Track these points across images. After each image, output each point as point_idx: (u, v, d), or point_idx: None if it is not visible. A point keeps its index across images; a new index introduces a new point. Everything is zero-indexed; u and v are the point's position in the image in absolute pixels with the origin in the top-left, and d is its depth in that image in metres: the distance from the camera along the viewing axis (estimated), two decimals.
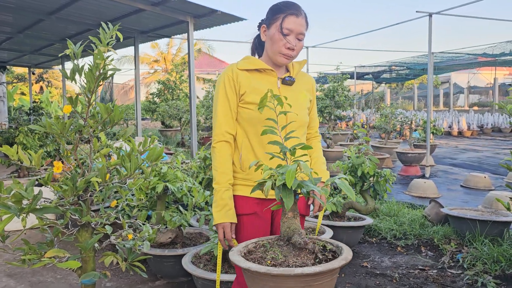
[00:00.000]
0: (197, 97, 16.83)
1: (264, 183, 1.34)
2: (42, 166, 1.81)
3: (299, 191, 1.36)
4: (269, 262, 1.32)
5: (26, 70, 17.08)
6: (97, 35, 1.76)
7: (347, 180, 1.32)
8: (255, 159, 1.79)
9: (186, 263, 2.71)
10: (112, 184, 1.91)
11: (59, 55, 1.76)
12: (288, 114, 1.77)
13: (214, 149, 1.82)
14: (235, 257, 1.34)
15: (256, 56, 1.95)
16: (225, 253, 2.80)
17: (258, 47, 1.95)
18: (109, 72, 1.80)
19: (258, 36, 1.92)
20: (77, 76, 1.77)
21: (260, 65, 1.81)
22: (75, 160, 1.87)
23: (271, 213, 1.87)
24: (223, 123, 1.81)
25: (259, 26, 1.90)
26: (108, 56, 1.77)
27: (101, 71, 1.79)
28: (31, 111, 10.11)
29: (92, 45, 1.76)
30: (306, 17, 1.80)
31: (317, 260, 1.34)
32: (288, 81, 1.84)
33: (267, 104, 1.75)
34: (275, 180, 1.31)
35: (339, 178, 1.39)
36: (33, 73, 14.35)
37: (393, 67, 18.07)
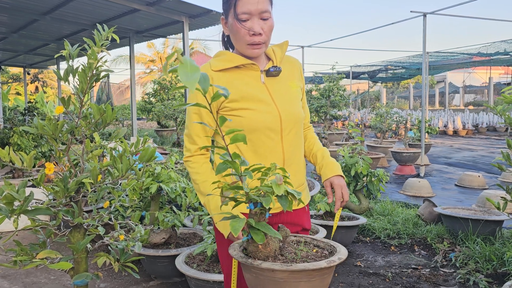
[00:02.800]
0: None
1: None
2: (34, 167, 1.81)
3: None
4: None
5: (21, 70, 17.01)
6: (91, 36, 1.76)
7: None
8: None
9: (180, 264, 2.72)
10: (105, 185, 1.91)
11: (55, 56, 1.76)
12: (282, 112, 1.56)
13: (188, 163, 1.61)
14: (235, 252, 1.33)
15: (230, 51, 1.65)
16: (217, 254, 2.81)
17: (228, 40, 1.65)
18: (102, 73, 1.80)
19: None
20: (70, 77, 1.78)
21: (238, 60, 1.53)
22: (68, 161, 1.87)
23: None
24: (196, 138, 1.58)
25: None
26: (102, 57, 1.77)
27: (94, 72, 1.79)
28: (26, 112, 10.08)
29: (86, 46, 1.76)
30: None
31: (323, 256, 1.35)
32: (273, 72, 1.57)
33: (255, 106, 1.50)
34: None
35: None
36: (28, 73, 14.30)
37: (388, 67, 18.13)
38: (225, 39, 1.67)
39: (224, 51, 1.61)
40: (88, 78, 1.78)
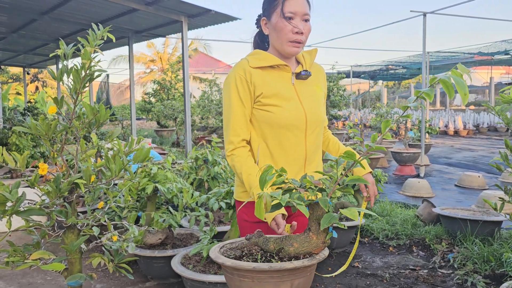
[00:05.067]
0: (194, 97, 16.78)
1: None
2: (27, 168, 1.80)
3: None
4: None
5: (21, 70, 17.01)
6: (86, 36, 1.75)
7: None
8: (273, 165, 1.67)
9: (176, 264, 2.71)
10: (99, 185, 1.89)
11: (50, 55, 1.75)
12: (308, 113, 1.68)
13: (232, 156, 1.66)
14: (215, 254, 1.32)
15: None
16: None
17: (260, 44, 1.80)
18: (96, 73, 1.79)
19: (258, 33, 1.80)
20: (65, 77, 1.76)
21: (273, 61, 1.66)
22: (63, 161, 1.86)
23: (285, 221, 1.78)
24: (239, 129, 1.66)
25: (257, 22, 1.78)
26: (95, 57, 1.76)
27: (87, 72, 1.77)
28: (26, 111, 10.08)
29: (80, 46, 1.75)
30: None
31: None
32: (303, 76, 1.70)
33: (284, 104, 1.63)
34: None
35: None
36: (28, 73, 14.29)
37: (389, 67, 18.10)
38: (257, 43, 1.80)
39: (260, 50, 1.73)
40: (81, 78, 1.77)
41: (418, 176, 7.62)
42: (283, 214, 1.57)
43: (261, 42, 1.80)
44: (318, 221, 1.23)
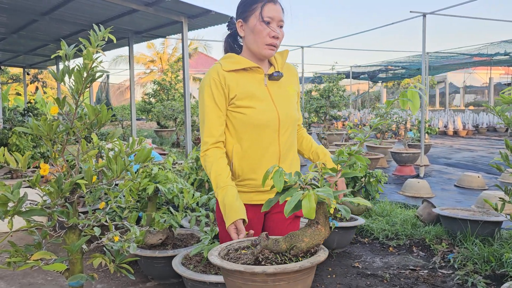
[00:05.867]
0: (193, 97, 16.77)
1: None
2: (29, 168, 1.80)
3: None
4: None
5: (21, 70, 17.02)
6: (88, 36, 1.76)
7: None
8: (248, 165, 1.72)
9: (176, 265, 2.71)
10: (100, 186, 1.90)
11: (52, 56, 1.75)
12: (280, 113, 1.72)
13: (205, 157, 1.71)
14: (212, 257, 1.32)
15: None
16: None
17: (232, 46, 1.84)
18: (98, 74, 1.79)
19: (230, 36, 1.84)
20: (66, 77, 1.76)
21: (246, 63, 1.71)
22: (64, 161, 1.86)
23: (263, 218, 1.82)
24: (214, 130, 1.70)
25: (229, 25, 1.82)
26: (97, 57, 1.76)
27: (89, 72, 1.78)
28: (26, 112, 10.07)
29: (82, 46, 1.75)
30: (281, 4, 1.74)
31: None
32: (276, 77, 1.75)
33: (257, 105, 1.68)
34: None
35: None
36: (28, 74, 14.27)
37: (388, 67, 18.11)
38: (229, 45, 1.84)
39: (232, 54, 1.78)
40: (83, 79, 1.77)
41: (417, 176, 7.63)
42: (244, 220, 1.56)
43: (233, 44, 1.84)
44: (325, 214, 1.27)
